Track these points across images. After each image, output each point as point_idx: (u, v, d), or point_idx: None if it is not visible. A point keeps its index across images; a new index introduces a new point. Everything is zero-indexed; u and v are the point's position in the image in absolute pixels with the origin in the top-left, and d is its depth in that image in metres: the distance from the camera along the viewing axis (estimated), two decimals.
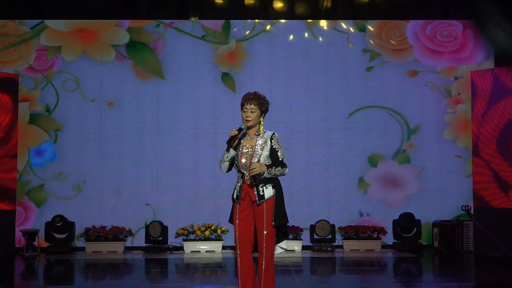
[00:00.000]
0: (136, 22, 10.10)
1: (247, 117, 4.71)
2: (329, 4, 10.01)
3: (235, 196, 4.76)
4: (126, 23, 10.05)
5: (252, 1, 10.11)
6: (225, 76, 10.01)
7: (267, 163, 4.65)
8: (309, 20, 10.03)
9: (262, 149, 4.67)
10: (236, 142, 4.72)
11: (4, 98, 8.85)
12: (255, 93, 4.77)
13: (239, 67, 10.08)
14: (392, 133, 9.94)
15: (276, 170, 4.62)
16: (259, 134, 4.74)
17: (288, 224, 4.91)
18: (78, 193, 9.64)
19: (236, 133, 4.69)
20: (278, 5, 10.11)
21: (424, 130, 9.94)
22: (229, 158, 4.73)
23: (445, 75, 9.98)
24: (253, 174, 4.58)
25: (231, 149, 4.70)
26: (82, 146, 9.83)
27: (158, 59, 9.98)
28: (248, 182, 4.68)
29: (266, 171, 4.58)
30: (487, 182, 8.79)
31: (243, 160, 4.69)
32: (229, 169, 4.80)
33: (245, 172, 4.68)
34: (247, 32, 10.06)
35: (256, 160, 4.64)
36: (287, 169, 4.68)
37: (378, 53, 10.00)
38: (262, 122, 4.77)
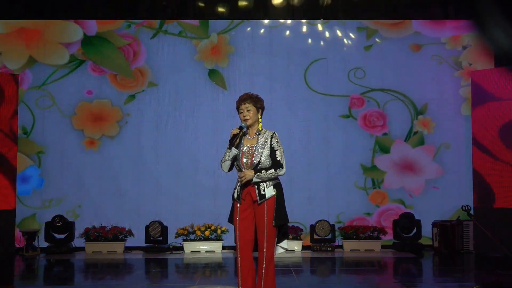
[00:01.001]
0: (104, 25, 9.67)
1: (244, 116, 4.74)
2: (329, 2, 9.85)
3: (235, 195, 4.76)
4: (94, 27, 9.65)
5: (246, 3, 9.86)
6: (213, 73, 9.74)
7: (268, 163, 4.67)
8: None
9: (262, 149, 4.69)
10: (238, 140, 4.74)
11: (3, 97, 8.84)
12: (246, 93, 4.82)
13: (225, 62, 9.76)
14: (401, 115, 9.62)
15: (268, 173, 4.63)
16: (259, 134, 4.75)
17: (288, 224, 4.91)
18: (75, 218, 9.33)
19: (238, 132, 4.72)
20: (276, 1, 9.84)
21: (438, 107, 9.59)
22: (231, 157, 4.74)
23: (452, 46, 9.66)
24: (243, 182, 4.64)
25: (233, 147, 4.72)
26: (70, 165, 9.51)
27: (125, 58, 9.62)
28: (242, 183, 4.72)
29: (254, 176, 4.61)
30: (487, 182, 8.77)
31: (244, 160, 4.70)
32: (230, 169, 4.82)
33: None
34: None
35: (257, 159, 4.66)
36: (283, 170, 4.69)
37: (375, 30, 9.74)
38: (260, 120, 4.79)
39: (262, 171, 4.63)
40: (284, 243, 4.82)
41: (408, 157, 9.65)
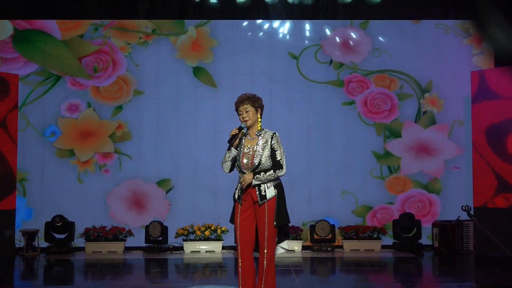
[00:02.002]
0: (68, 31, 9.12)
1: (244, 118, 4.75)
2: None
3: (236, 196, 4.76)
4: (57, 34, 9.11)
5: None
6: (198, 71, 9.34)
7: (268, 163, 4.67)
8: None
9: (263, 149, 4.69)
10: (237, 141, 4.74)
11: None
12: (244, 94, 4.83)
13: (209, 57, 9.32)
14: (406, 95, 9.28)
15: (267, 175, 4.63)
16: (260, 134, 4.75)
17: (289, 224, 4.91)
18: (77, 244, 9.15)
19: (237, 132, 4.72)
20: None
21: (445, 82, 9.17)
22: (231, 157, 4.74)
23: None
24: (244, 187, 4.63)
25: (232, 148, 4.72)
26: (60, 189, 9.19)
27: (71, 52, 9.03)
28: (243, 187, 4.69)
29: (253, 179, 4.61)
30: (488, 182, 8.76)
31: (245, 160, 4.70)
32: (231, 170, 4.81)
33: (246, 172, 4.69)
34: None
35: (257, 160, 4.65)
36: (283, 171, 4.69)
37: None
38: (260, 119, 4.79)
39: (261, 173, 4.63)
40: (285, 244, 4.83)
41: (422, 139, 9.28)
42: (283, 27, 9.66)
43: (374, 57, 9.53)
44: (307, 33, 9.63)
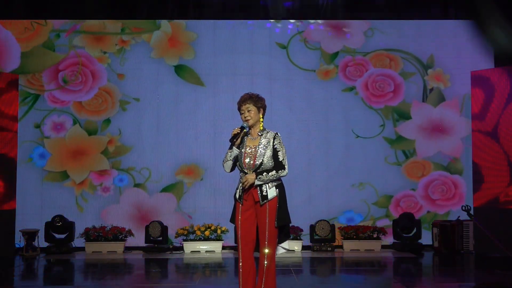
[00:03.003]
0: (27, 42, 8.51)
1: (245, 117, 4.75)
2: None
3: (237, 196, 4.76)
4: (16, 49, 8.53)
5: None
6: (180, 70, 8.87)
7: (270, 164, 4.67)
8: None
9: (265, 149, 4.69)
10: (239, 140, 4.74)
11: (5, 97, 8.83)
12: (247, 93, 4.82)
13: (191, 53, 8.79)
14: (408, 73, 8.84)
15: (269, 175, 4.63)
16: (262, 134, 4.75)
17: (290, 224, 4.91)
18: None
19: (238, 131, 4.72)
20: None
21: (447, 55, 8.77)
22: (232, 157, 4.75)
23: None
24: (247, 187, 4.62)
25: (234, 147, 4.72)
26: (60, 199, 9.02)
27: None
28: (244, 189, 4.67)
29: (256, 179, 4.61)
30: (487, 182, 8.76)
31: (247, 160, 4.71)
32: (232, 169, 4.81)
33: (248, 172, 4.69)
34: None
35: (260, 160, 4.66)
36: (285, 171, 4.69)
37: None
38: (261, 119, 4.79)
39: (264, 174, 4.63)
40: (285, 244, 4.83)
41: (433, 118, 8.86)
42: (271, 22, 9.43)
43: (367, 37, 9.16)
44: (296, 25, 9.38)
